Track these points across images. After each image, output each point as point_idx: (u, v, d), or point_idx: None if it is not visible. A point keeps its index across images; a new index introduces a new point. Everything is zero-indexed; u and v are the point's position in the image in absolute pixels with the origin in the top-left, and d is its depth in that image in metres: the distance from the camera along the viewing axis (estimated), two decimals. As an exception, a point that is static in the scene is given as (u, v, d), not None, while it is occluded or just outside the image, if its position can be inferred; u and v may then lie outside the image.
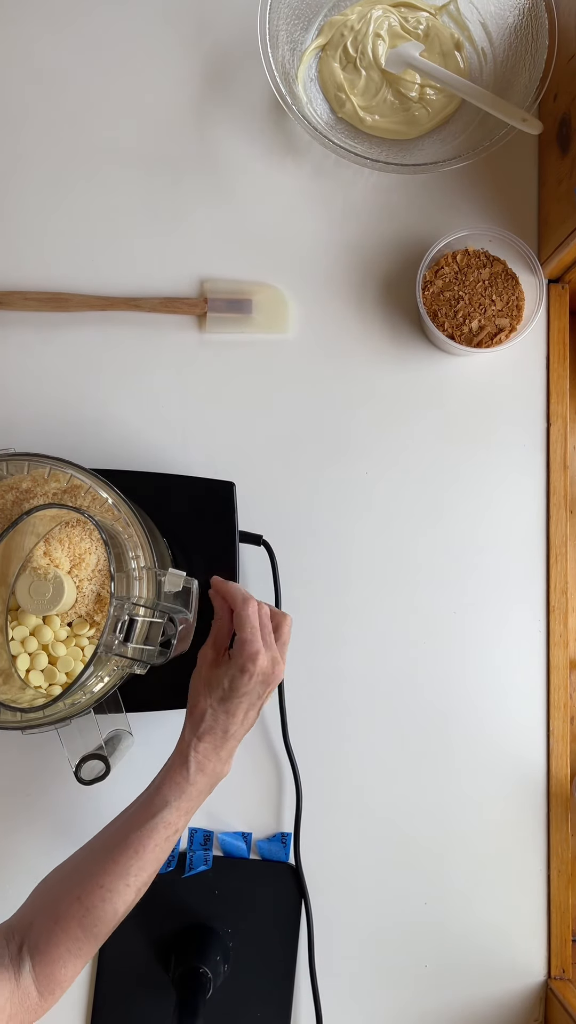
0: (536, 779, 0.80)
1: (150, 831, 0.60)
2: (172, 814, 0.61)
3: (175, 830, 0.62)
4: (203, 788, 0.63)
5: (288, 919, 0.78)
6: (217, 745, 0.63)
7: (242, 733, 0.64)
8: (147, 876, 0.61)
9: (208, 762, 0.62)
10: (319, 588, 0.81)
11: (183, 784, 0.62)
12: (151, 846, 0.60)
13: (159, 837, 0.61)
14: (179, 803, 0.61)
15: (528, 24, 0.78)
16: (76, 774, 0.64)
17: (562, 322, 0.84)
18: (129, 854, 0.60)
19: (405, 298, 0.84)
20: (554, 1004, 0.77)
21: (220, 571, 0.73)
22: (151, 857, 0.60)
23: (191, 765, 0.62)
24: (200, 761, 0.62)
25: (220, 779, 0.64)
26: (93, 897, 0.58)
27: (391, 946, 0.79)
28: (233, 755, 0.65)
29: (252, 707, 0.64)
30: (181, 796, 0.61)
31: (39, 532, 0.66)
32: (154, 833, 0.60)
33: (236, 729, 0.63)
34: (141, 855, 0.60)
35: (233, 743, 0.64)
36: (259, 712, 0.65)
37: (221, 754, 0.63)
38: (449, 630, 0.81)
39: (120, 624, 0.57)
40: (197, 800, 0.63)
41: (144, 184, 0.84)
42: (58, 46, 0.85)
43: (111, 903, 0.59)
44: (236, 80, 0.85)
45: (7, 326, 0.82)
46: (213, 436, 0.82)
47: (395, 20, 0.83)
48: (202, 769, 0.62)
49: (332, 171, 0.85)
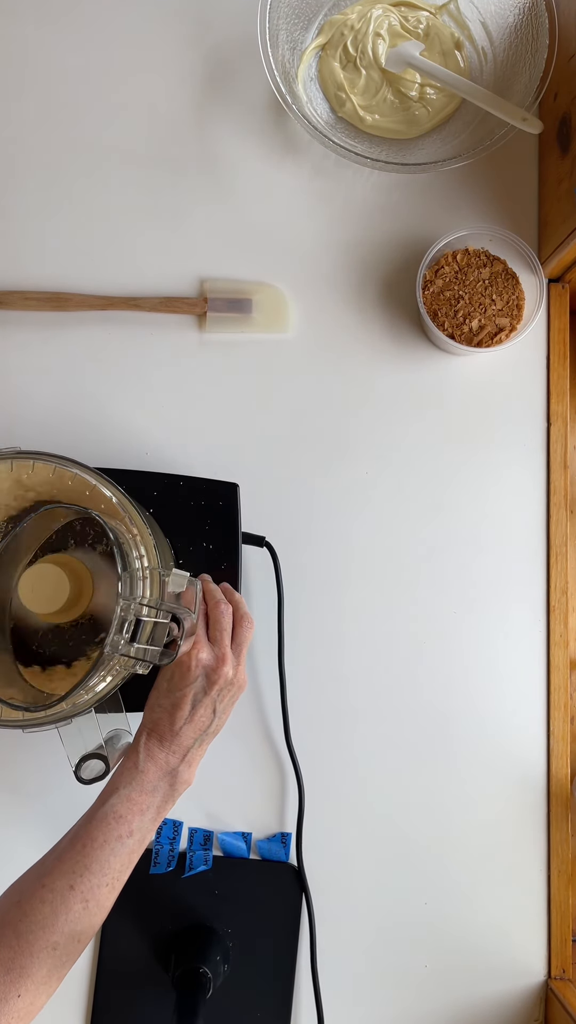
0: (536, 779, 0.80)
1: (99, 822, 0.58)
2: (122, 804, 0.59)
3: (129, 830, 0.58)
4: (156, 783, 0.61)
5: (288, 919, 0.78)
6: (164, 737, 0.62)
7: (193, 731, 0.62)
8: (96, 882, 0.56)
9: (158, 752, 0.61)
10: (320, 588, 0.81)
11: (132, 771, 0.60)
12: (100, 840, 0.57)
13: (109, 833, 0.57)
14: (129, 792, 0.59)
15: (528, 24, 0.78)
16: (76, 773, 0.64)
17: (562, 322, 0.84)
18: (76, 849, 0.56)
19: (405, 298, 0.84)
20: (554, 1004, 0.77)
21: (223, 572, 0.73)
22: (99, 857, 0.56)
23: (140, 753, 0.61)
24: (150, 749, 0.61)
25: (180, 783, 0.62)
26: (33, 899, 0.54)
27: (391, 946, 0.79)
28: (195, 761, 0.63)
29: (199, 703, 0.62)
30: (131, 784, 0.60)
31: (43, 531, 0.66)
32: (103, 825, 0.58)
33: (183, 725, 0.62)
34: (88, 852, 0.56)
35: (186, 740, 0.62)
36: (216, 714, 0.63)
37: (172, 747, 0.61)
38: (449, 630, 0.81)
39: (126, 624, 0.57)
40: (152, 797, 0.60)
41: (144, 184, 0.84)
42: (58, 45, 0.85)
43: (50, 905, 0.54)
44: (236, 80, 0.85)
45: (7, 326, 0.82)
46: (213, 436, 0.82)
47: (395, 19, 0.83)
48: (152, 758, 0.61)
49: (332, 171, 0.85)
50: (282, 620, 0.78)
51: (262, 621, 0.79)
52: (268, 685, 0.79)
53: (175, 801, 0.63)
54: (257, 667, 0.79)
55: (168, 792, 0.62)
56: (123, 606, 0.57)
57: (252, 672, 0.79)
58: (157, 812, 0.61)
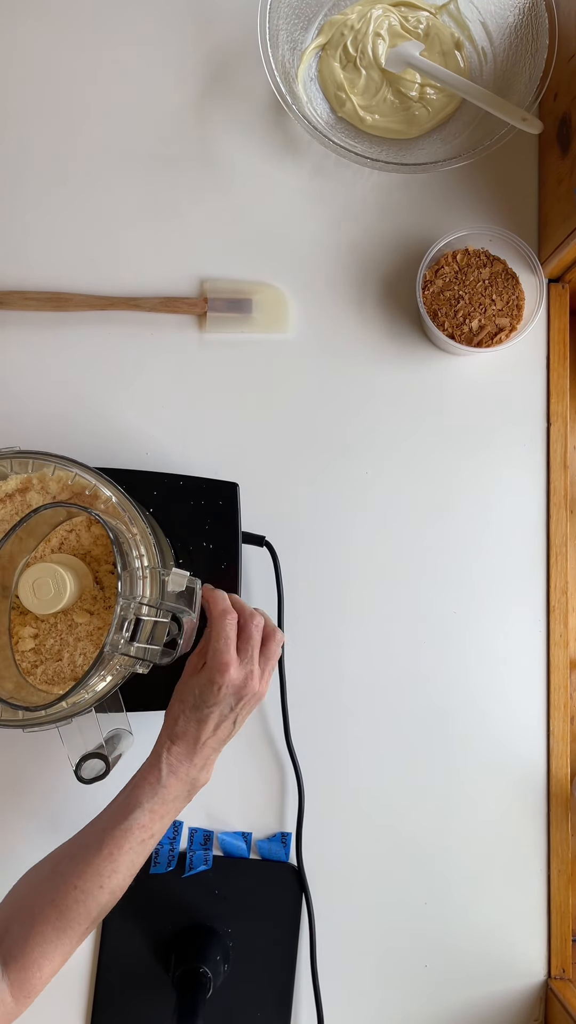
0: (536, 779, 0.80)
1: (124, 832, 0.61)
2: (145, 816, 0.61)
3: (150, 834, 0.62)
4: (177, 792, 0.63)
5: (288, 919, 0.78)
6: (189, 751, 0.63)
7: (216, 743, 0.64)
8: (121, 879, 0.61)
9: (180, 766, 0.63)
10: (320, 588, 0.81)
11: (155, 786, 0.62)
12: (125, 848, 0.61)
13: (133, 840, 0.61)
14: (152, 805, 0.62)
15: (528, 24, 0.78)
16: (76, 773, 0.64)
17: (562, 322, 0.84)
18: (104, 855, 0.60)
19: (405, 298, 0.84)
20: (554, 1004, 0.77)
21: (223, 572, 0.73)
22: (125, 860, 0.61)
23: (163, 768, 0.63)
24: (172, 764, 0.63)
25: (198, 786, 0.64)
26: (67, 899, 0.59)
27: (391, 946, 0.79)
28: (212, 763, 0.65)
29: (225, 719, 0.64)
30: (154, 798, 0.62)
31: (43, 531, 0.66)
32: (128, 835, 0.61)
33: (208, 739, 0.63)
34: (115, 857, 0.60)
35: (208, 751, 0.64)
36: (236, 724, 0.65)
37: (195, 760, 0.63)
38: (450, 630, 0.81)
39: (126, 623, 0.57)
40: (173, 805, 0.63)
41: (144, 183, 0.84)
42: (58, 46, 0.85)
43: (84, 904, 0.59)
44: (236, 80, 0.85)
45: (7, 326, 0.82)
46: (213, 436, 0.82)
47: (395, 19, 0.83)
48: (174, 772, 0.63)
49: (332, 171, 0.85)
50: (282, 619, 0.78)
51: (262, 621, 0.79)
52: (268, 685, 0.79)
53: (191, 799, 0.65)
54: (257, 667, 0.79)
55: (187, 796, 0.65)
56: (123, 605, 0.57)
57: (252, 672, 0.79)
58: (175, 813, 0.64)
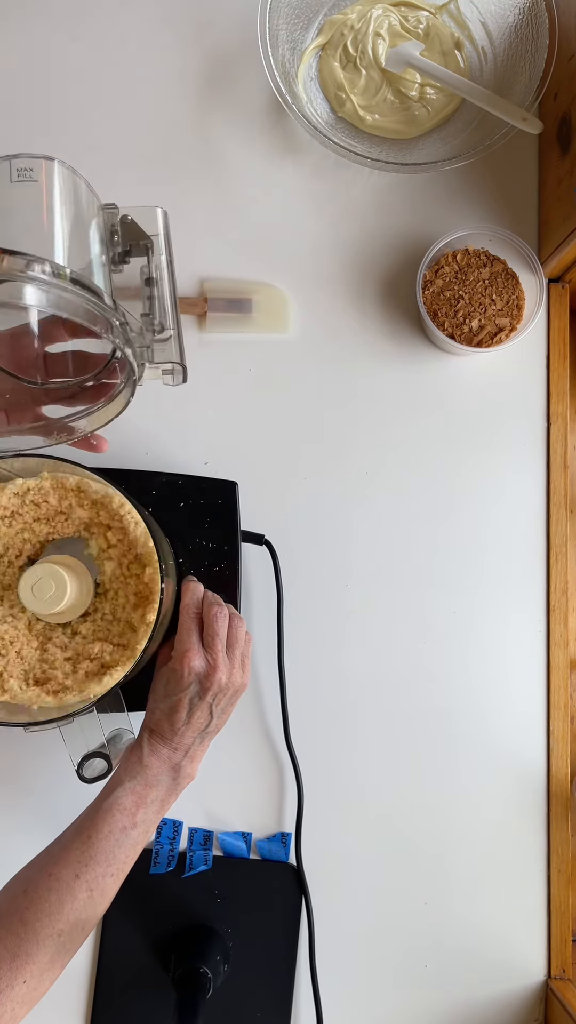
0: (536, 779, 0.80)
1: (104, 813, 0.59)
2: (127, 797, 0.60)
3: (133, 822, 0.60)
4: (159, 774, 0.62)
5: (288, 919, 0.78)
6: (166, 737, 0.63)
7: (194, 732, 0.63)
8: (101, 872, 0.57)
9: (161, 748, 0.63)
10: (320, 588, 0.81)
11: (137, 765, 0.62)
12: (104, 831, 0.58)
13: (114, 824, 0.59)
14: (134, 785, 0.61)
15: (528, 23, 0.78)
16: (78, 772, 0.64)
17: (562, 322, 0.84)
18: (82, 839, 0.58)
19: (405, 298, 0.84)
20: (554, 1004, 0.77)
21: (222, 571, 0.73)
22: (104, 847, 0.58)
23: (144, 749, 0.63)
24: (153, 746, 0.63)
25: (183, 776, 0.63)
26: (40, 887, 0.56)
27: (391, 946, 0.79)
28: (198, 757, 0.65)
29: (196, 707, 0.63)
30: (136, 777, 0.61)
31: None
32: (108, 817, 0.59)
33: (181, 726, 0.63)
34: (93, 842, 0.58)
35: (188, 740, 0.63)
36: (214, 714, 0.64)
37: (173, 743, 0.63)
38: (449, 630, 0.81)
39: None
40: (156, 790, 0.62)
41: (144, 183, 0.84)
42: (58, 45, 0.85)
43: (56, 893, 0.56)
44: (236, 80, 0.85)
45: (7, 325, 0.82)
46: (213, 436, 0.82)
47: (395, 19, 0.83)
48: (155, 753, 0.62)
49: (332, 171, 0.85)
50: (282, 618, 0.78)
51: (261, 620, 0.79)
52: (268, 684, 0.79)
53: (178, 795, 0.64)
54: (257, 666, 0.79)
55: (171, 785, 0.63)
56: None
57: (252, 671, 0.79)
58: (161, 805, 0.63)
